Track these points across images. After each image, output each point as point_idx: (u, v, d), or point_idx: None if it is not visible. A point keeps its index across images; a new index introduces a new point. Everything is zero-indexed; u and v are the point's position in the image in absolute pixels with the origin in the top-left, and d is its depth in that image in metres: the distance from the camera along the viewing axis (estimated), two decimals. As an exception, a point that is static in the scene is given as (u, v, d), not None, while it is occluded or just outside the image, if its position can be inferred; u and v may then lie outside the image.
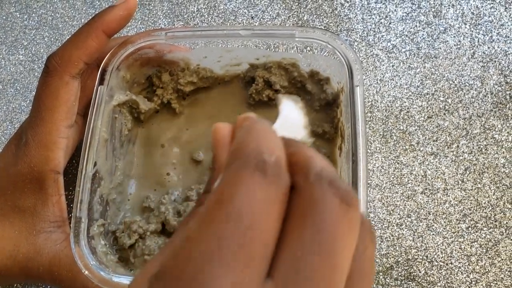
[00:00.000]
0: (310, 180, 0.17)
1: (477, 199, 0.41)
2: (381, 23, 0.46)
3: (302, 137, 0.30)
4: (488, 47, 0.45)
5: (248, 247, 0.15)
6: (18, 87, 0.47)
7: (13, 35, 0.49)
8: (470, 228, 0.40)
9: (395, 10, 0.46)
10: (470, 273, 0.39)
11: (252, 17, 0.47)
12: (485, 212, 0.41)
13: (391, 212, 0.41)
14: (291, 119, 0.30)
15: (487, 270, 0.39)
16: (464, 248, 0.40)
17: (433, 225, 0.40)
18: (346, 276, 0.17)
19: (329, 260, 0.16)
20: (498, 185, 0.41)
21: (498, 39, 0.45)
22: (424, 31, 0.46)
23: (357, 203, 0.17)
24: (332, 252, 0.16)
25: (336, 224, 0.16)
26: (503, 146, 0.42)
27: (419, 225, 0.40)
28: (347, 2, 0.47)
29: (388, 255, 0.40)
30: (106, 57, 0.36)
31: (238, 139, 0.18)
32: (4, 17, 0.50)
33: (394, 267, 0.40)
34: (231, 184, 0.16)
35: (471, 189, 0.41)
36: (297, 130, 0.30)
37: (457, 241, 0.40)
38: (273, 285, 0.15)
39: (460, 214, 0.41)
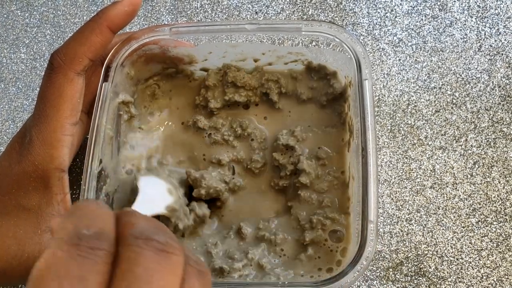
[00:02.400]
0: (128, 243, 0.18)
1: (487, 193, 0.40)
2: (386, 17, 0.46)
3: (167, 205, 0.35)
4: (495, 40, 0.44)
5: None
6: (20, 86, 0.47)
7: (14, 33, 0.49)
8: (480, 223, 0.40)
9: (400, 4, 0.46)
10: (481, 268, 0.39)
11: (256, 12, 0.47)
12: (495, 206, 0.40)
13: (400, 207, 0.40)
14: (152, 192, 0.34)
15: (498, 264, 0.39)
16: (475, 242, 0.39)
17: (442, 220, 0.40)
18: None
19: None
20: (507, 178, 0.41)
21: (505, 31, 0.45)
22: (430, 25, 0.45)
23: (176, 250, 0.19)
24: None
25: (151, 274, 0.18)
26: (512, 140, 0.42)
27: (429, 220, 0.40)
28: (352, -4, 0.46)
29: (398, 250, 0.39)
30: (110, 54, 0.36)
31: (64, 221, 0.19)
32: (5, 15, 0.49)
33: (404, 262, 0.39)
34: (47, 264, 0.18)
35: (480, 183, 0.41)
36: (160, 201, 0.35)
37: (467, 235, 0.40)
38: None
39: (469, 209, 0.40)
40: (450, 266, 0.39)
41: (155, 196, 0.35)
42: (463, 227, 0.40)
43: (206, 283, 0.20)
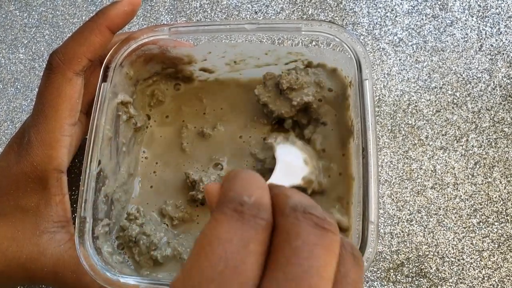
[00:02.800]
0: (286, 214, 0.18)
1: (488, 194, 0.40)
2: (387, 16, 0.45)
3: (303, 176, 0.34)
4: (496, 40, 0.44)
5: (225, 286, 0.17)
6: (18, 86, 0.47)
7: (13, 33, 0.48)
8: (481, 223, 0.40)
9: (401, 3, 0.46)
10: (482, 269, 0.39)
11: (256, 12, 0.47)
12: (496, 207, 0.40)
13: (401, 208, 0.40)
14: (289, 163, 0.34)
15: (499, 265, 0.39)
16: (476, 243, 0.39)
17: (443, 221, 0.40)
18: None
19: (305, 284, 0.17)
20: (509, 179, 0.40)
21: (506, 31, 0.44)
22: (430, 24, 0.45)
23: (333, 228, 0.18)
24: (308, 276, 0.17)
25: (310, 249, 0.17)
26: (513, 140, 0.41)
27: (430, 221, 0.40)
28: (352, -5, 0.46)
29: (398, 251, 0.39)
30: (109, 54, 0.36)
31: (223, 187, 0.20)
32: (3, 16, 0.49)
33: (405, 263, 0.39)
34: (211, 227, 0.18)
35: (482, 184, 0.40)
36: (297, 172, 0.34)
37: (468, 236, 0.39)
38: None
39: (471, 209, 0.40)
40: (451, 267, 0.39)
41: (292, 166, 0.34)
42: (464, 227, 0.40)
43: (361, 268, 0.19)
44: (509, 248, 0.39)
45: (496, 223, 0.40)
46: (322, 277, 0.17)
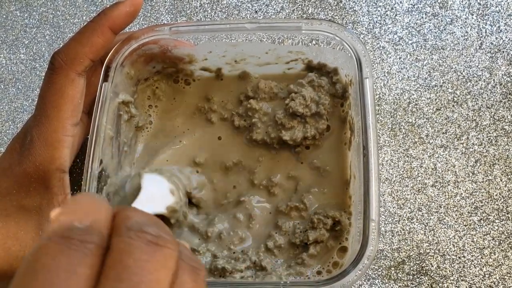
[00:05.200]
0: (120, 234, 0.18)
1: (489, 191, 0.40)
2: (387, 15, 0.46)
3: (168, 205, 0.34)
4: (496, 38, 0.44)
5: None
6: (19, 87, 0.47)
7: (13, 34, 0.48)
8: (482, 221, 0.40)
9: (400, 2, 0.46)
10: (483, 266, 0.39)
11: (256, 11, 0.47)
12: (497, 204, 0.40)
13: (402, 206, 0.40)
14: (154, 191, 0.34)
15: (500, 263, 0.39)
16: (477, 241, 0.39)
17: (444, 219, 0.40)
18: None
19: None
20: (509, 176, 0.41)
21: (506, 29, 0.44)
22: (430, 23, 0.45)
23: (169, 243, 0.19)
24: None
25: (141, 265, 0.18)
26: (514, 137, 0.42)
27: (430, 219, 0.40)
28: (352, -6, 0.46)
29: (399, 249, 0.39)
30: (110, 54, 0.36)
31: (60, 212, 0.19)
32: (4, 16, 0.49)
33: (406, 261, 0.39)
34: (35, 255, 0.17)
35: (482, 181, 0.41)
36: (161, 200, 0.34)
37: (469, 234, 0.39)
38: None
39: (471, 207, 0.40)
40: (452, 265, 0.39)
41: (156, 195, 0.34)
42: (465, 225, 0.40)
43: (200, 279, 0.20)
44: (510, 245, 0.39)
45: (496, 221, 0.40)
46: None
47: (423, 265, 0.39)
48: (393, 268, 0.39)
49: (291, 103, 0.38)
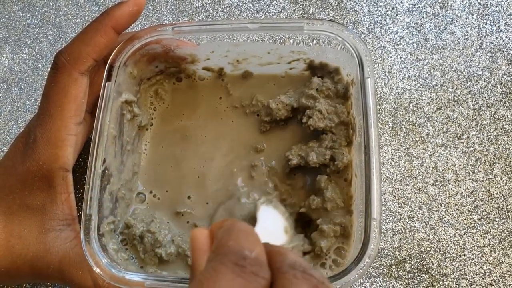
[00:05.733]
0: (284, 271, 0.18)
1: (489, 190, 0.41)
2: (387, 15, 0.46)
3: (281, 244, 0.32)
4: (496, 37, 0.45)
5: None
6: (22, 86, 0.47)
7: (16, 34, 0.49)
8: (482, 219, 0.40)
9: (401, 2, 0.46)
10: (483, 264, 0.39)
11: (258, 11, 0.47)
12: (497, 203, 0.40)
13: (403, 204, 0.41)
14: (269, 226, 0.31)
15: (500, 261, 0.39)
16: (477, 239, 0.40)
17: (445, 217, 0.40)
18: None
19: None
20: (509, 175, 0.41)
21: (506, 29, 0.45)
22: (431, 22, 0.45)
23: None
24: None
25: None
26: (514, 137, 0.42)
27: (431, 217, 0.40)
28: (353, -6, 0.47)
29: (400, 248, 0.40)
30: (113, 53, 0.36)
31: (219, 237, 0.19)
32: (6, 16, 0.49)
33: (407, 259, 0.39)
34: (209, 278, 0.17)
35: (483, 180, 0.41)
36: (275, 238, 0.32)
37: (469, 232, 0.40)
38: None
39: (472, 205, 0.40)
40: (453, 263, 0.39)
41: (271, 231, 0.32)
42: (466, 224, 0.40)
43: None
44: (510, 243, 0.39)
45: (497, 219, 0.40)
46: None
47: (423, 263, 0.39)
48: (394, 267, 0.39)
49: (310, 120, 0.37)
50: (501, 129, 0.42)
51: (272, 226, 0.32)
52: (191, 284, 0.18)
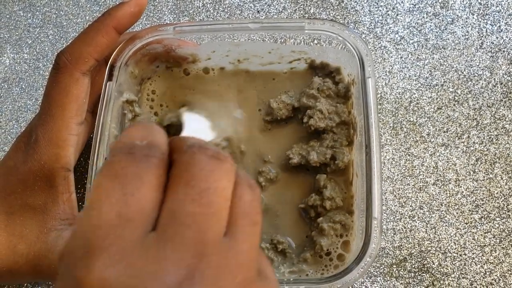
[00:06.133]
0: (183, 151, 0.20)
1: (489, 189, 0.41)
2: (388, 15, 0.46)
3: (212, 138, 0.35)
4: (497, 37, 0.45)
5: (124, 212, 0.18)
6: (23, 86, 0.47)
7: (17, 33, 0.49)
8: (483, 219, 0.40)
9: (402, 2, 0.46)
10: (484, 264, 0.39)
11: (258, 11, 0.47)
12: (498, 202, 0.40)
13: (403, 204, 0.41)
14: (195, 127, 0.35)
15: (501, 260, 0.39)
16: (478, 238, 0.40)
17: (445, 217, 0.40)
18: (225, 218, 0.19)
19: (201, 205, 0.18)
20: (510, 174, 0.41)
21: (506, 29, 0.45)
22: (431, 22, 0.45)
23: (228, 159, 0.20)
24: (204, 198, 0.18)
25: (207, 173, 0.19)
26: (514, 136, 0.42)
27: (432, 217, 0.40)
28: (354, -6, 0.47)
29: (401, 247, 0.40)
30: (114, 53, 0.36)
31: (121, 136, 0.21)
32: (7, 16, 0.49)
33: (408, 259, 0.39)
34: (104, 168, 0.19)
35: (483, 180, 0.41)
36: (205, 134, 0.35)
37: (470, 232, 0.40)
38: (154, 235, 0.18)
39: (472, 205, 0.40)
40: (454, 262, 0.39)
41: (198, 130, 0.35)
42: (466, 223, 0.40)
43: (257, 193, 0.21)
44: (511, 243, 0.39)
45: (497, 219, 0.40)
46: (220, 195, 0.19)
47: (424, 263, 0.39)
48: (394, 266, 0.39)
49: (310, 120, 0.37)
50: (502, 128, 0.42)
51: (198, 126, 0.35)
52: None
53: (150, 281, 0.17)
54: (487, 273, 0.39)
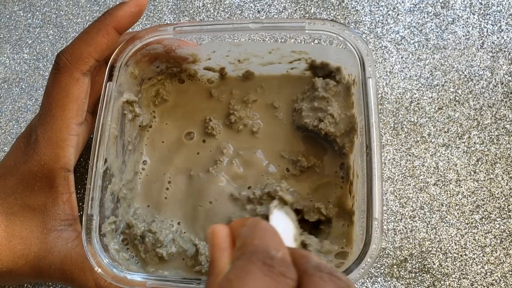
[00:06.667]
0: (310, 273, 0.18)
1: (490, 190, 0.41)
2: (389, 14, 0.46)
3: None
4: (497, 37, 0.45)
5: None
6: (23, 86, 0.47)
7: (17, 33, 0.49)
8: (483, 219, 0.40)
9: (402, 2, 0.46)
10: (484, 264, 0.39)
11: (259, 11, 0.47)
12: (498, 203, 0.40)
13: (404, 204, 0.41)
14: (281, 231, 0.31)
15: (502, 260, 0.39)
16: (478, 239, 0.40)
17: (446, 217, 0.40)
18: None
19: None
20: (511, 175, 0.41)
21: (507, 28, 0.45)
22: (432, 22, 0.45)
23: (349, 283, 0.19)
24: None
25: None
26: (515, 136, 0.42)
27: (432, 217, 0.40)
28: (354, -6, 0.47)
29: (402, 247, 0.40)
30: (114, 53, 0.36)
31: (244, 235, 0.19)
32: (7, 16, 0.49)
33: (408, 259, 0.39)
34: (239, 277, 0.17)
35: (484, 180, 0.41)
36: (287, 241, 0.31)
37: (470, 232, 0.40)
38: None
39: (473, 205, 0.40)
40: (454, 263, 0.39)
41: (282, 236, 0.33)
42: (467, 223, 0.40)
43: None
44: (511, 243, 0.39)
45: (498, 219, 0.40)
46: None
47: (425, 263, 0.39)
48: (395, 266, 0.39)
49: (321, 124, 0.37)
50: (502, 129, 0.42)
51: (283, 231, 0.31)
52: (217, 281, 0.18)
53: None
54: (488, 273, 0.39)
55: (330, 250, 0.36)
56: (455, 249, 0.39)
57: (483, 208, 0.40)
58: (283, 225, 0.32)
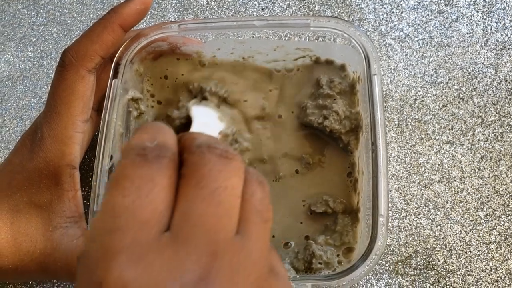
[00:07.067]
0: (192, 151, 0.20)
1: (494, 187, 0.41)
2: (393, 12, 0.46)
3: (220, 131, 0.36)
4: (501, 35, 0.45)
5: (139, 213, 0.18)
6: (27, 84, 0.47)
7: (21, 31, 0.49)
8: (488, 216, 0.40)
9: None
10: (489, 261, 0.39)
11: (263, 9, 0.47)
12: (503, 200, 0.40)
13: (409, 201, 0.41)
14: (204, 120, 0.36)
15: (506, 257, 0.39)
16: (483, 236, 0.40)
17: (451, 214, 0.40)
18: (236, 216, 0.19)
19: (212, 205, 0.19)
20: (515, 172, 0.41)
21: (511, 26, 0.45)
22: (436, 20, 0.45)
23: (237, 157, 0.20)
24: (215, 198, 0.19)
25: (217, 173, 0.19)
26: (519, 134, 0.42)
27: (437, 214, 0.40)
28: (358, -9, 0.47)
29: (406, 244, 0.40)
30: (120, 51, 0.36)
31: (131, 138, 0.21)
32: (11, 14, 0.49)
33: (413, 256, 0.39)
34: (117, 171, 0.19)
35: (488, 177, 0.41)
36: (213, 128, 0.36)
37: (475, 229, 0.40)
38: (168, 235, 0.18)
39: (477, 202, 0.40)
40: (459, 260, 0.39)
41: (208, 123, 0.36)
42: (471, 220, 0.40)
43: (266, 190, 0.21)
44: (516, 240, 0.39)
45: (503, 216, 0.40)
46: (230, 194, 0.19)
47: (430, 260, 0.39)
48: (400, 263, 0.39)
49: (326, 121, 0.37)
50: (507, 126, 0.42)
51: (207, 119, 0.36)
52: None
53: (168, 281, 0.17)
54: (493, 270, 0.39)
55: (336, 247, 0.36)
56: (460, 246, 0.39)
57: (488, 205, 0.40)
58: (204, 114, 0.36)
